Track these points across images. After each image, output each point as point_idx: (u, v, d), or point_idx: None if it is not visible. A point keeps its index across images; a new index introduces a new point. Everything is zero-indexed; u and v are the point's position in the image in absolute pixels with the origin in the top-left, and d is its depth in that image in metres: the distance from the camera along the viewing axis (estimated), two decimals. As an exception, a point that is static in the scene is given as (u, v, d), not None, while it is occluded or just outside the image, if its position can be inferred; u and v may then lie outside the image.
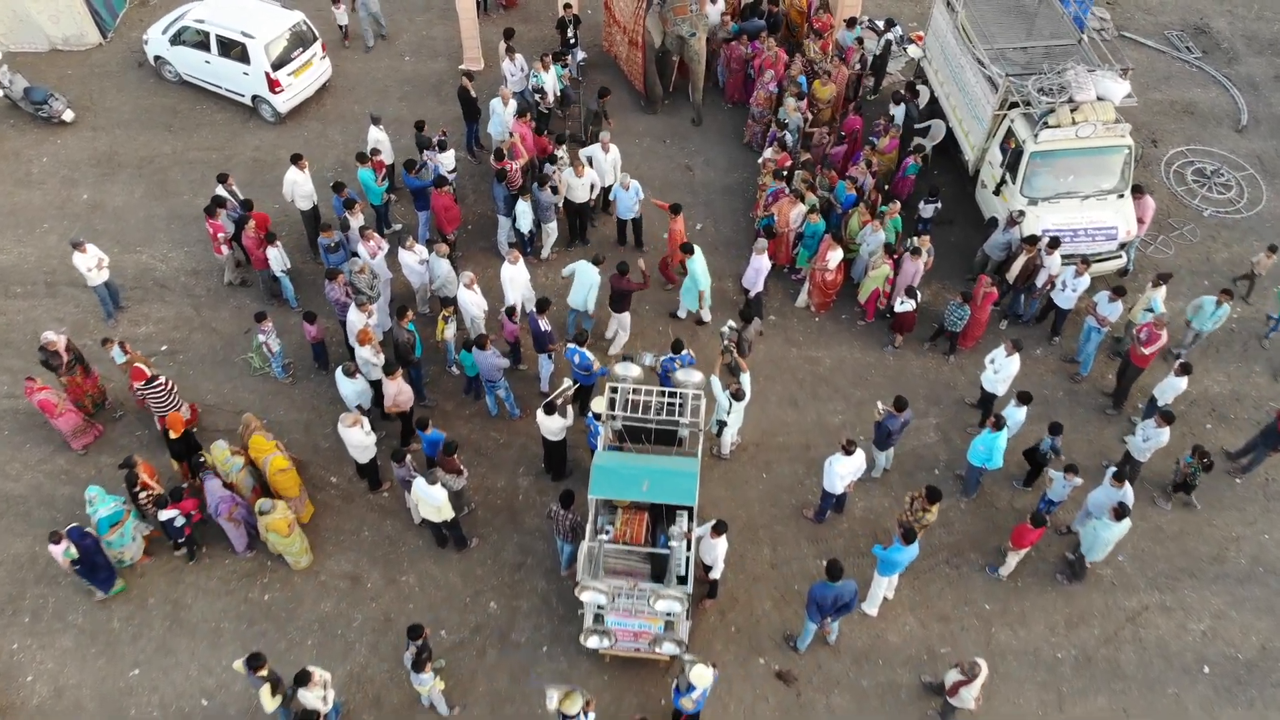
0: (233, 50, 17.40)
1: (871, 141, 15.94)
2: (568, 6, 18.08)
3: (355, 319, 13.29)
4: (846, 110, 17.14)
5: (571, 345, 13.10)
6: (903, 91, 16.96)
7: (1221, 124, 18.63)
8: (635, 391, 12.03)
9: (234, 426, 13.34)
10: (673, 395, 12.02)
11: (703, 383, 12.46)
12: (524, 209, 15.04)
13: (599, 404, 12.19)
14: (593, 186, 15.63)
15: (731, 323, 13.60)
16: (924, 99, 17.35)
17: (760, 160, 16.23)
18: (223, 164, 17.30)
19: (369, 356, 12.94)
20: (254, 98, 17.85)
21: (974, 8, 16.32)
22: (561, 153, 15.69)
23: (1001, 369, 13.13)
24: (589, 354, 13.07)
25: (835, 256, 14.55)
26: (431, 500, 11.57)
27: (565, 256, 16.08)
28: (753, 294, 14.74)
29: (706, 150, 17.94)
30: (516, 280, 14.17)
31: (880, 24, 18.91)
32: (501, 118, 16.12)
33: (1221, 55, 20.02)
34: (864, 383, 14.61)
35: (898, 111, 16.66)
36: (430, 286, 14.56)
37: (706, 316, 15.14)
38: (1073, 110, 14.38)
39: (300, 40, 17.73)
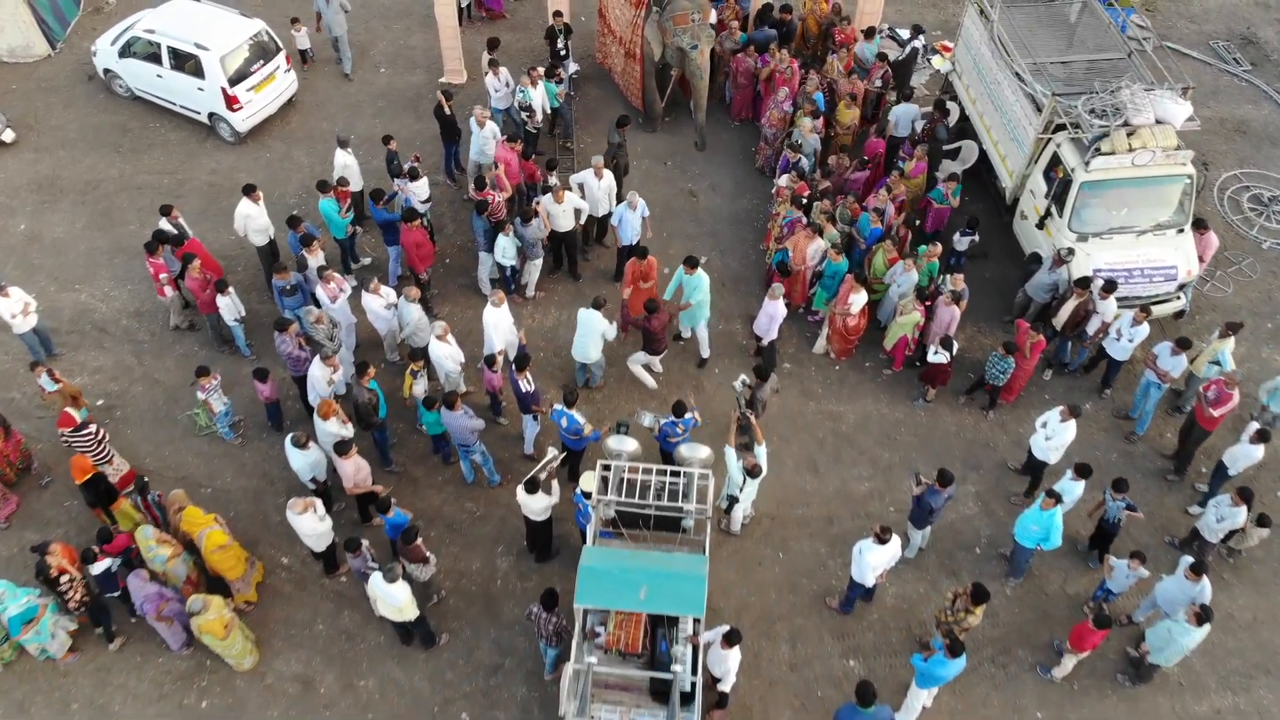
0: (186, 63, 15.67)
1: (899, 167, 14.21)
2: (558, 14, 16.34)
3: (319, 374, 11.60)
4: (867, 132, 15.42)
5: (559, 407, 11.38)
6: (932, 110, 15.27)
7: (1277, 144, 16.95)
8: (632, 470, 10.32)
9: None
10: (675, 476, 10.31)
11: (709, 459, 10.75)
12: (507, 243, 13.33)
13: (588, 481, 10.49)
14: (578, 213, 13.92)
15: (745, 377, 11.91)
16: (953, 117, 15.65)
17: (774, 190, 14.49)
18: (175, 189, 15.59)
19: (335, 430, 11.17)
20: (211, 115, 16.11)
21: (1010, 16, 14.61)
22: (554, 179, 13.98)
23: (1055, 435, 11.39)
24: (578, 416, 11.36)
25: (858, 300, 12.84)
26: (391, 600, 9.84)
27: (551, 290, 14.39)
28: (765, 342, 13.04)
29: (712, 173, 16.21)
30: (500, 325, 12.48)
31: (903, 33, 17.20)
32: (479, 140, 14.39)
33: (1272, 68, 18.36)
34: (892, 443, 12.89)
35: (897, 112, 15.01)
36: (399, 334, 12.85)
37: (705, 352, 13.44)
38: (1129, 135, 12.67)
39: (261, 52, 15.98)
